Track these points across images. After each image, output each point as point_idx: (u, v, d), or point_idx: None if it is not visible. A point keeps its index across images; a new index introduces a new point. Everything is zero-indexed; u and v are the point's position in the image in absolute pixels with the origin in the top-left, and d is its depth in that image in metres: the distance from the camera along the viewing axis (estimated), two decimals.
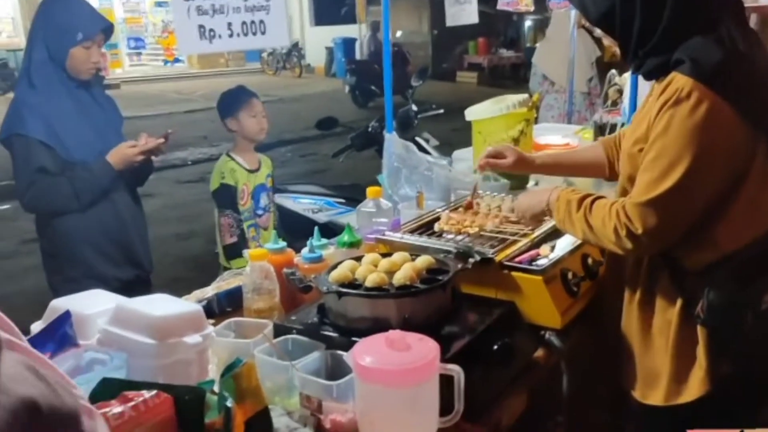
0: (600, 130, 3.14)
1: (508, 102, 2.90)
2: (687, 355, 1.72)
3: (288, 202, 4.81)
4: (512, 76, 17.66)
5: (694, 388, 1.72)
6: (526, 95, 3.05)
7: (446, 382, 1.50)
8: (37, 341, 1.19)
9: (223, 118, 3.57)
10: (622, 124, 3.17)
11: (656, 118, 1.64)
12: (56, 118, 2.76)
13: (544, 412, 1.89)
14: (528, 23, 17.99)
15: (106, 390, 1.07)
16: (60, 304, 1.48)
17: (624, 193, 1.79)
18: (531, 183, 3.00)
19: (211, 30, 2.59)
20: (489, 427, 1.64)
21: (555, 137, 3.27)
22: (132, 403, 1.01)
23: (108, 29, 2.92)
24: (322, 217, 4.70)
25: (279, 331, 1.74)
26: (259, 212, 3.55)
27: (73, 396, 0.65)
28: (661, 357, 1.77)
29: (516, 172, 2.44)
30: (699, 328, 1.69)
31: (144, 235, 3.16)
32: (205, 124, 11.66)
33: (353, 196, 4.98)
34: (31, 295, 4.04)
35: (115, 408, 1.00)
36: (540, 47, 7.00)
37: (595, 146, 2.30)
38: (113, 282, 2.78)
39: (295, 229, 4.11)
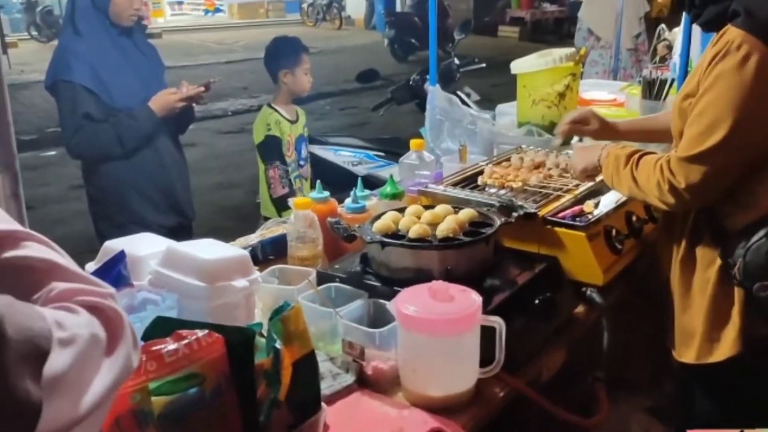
0: (649, 86, 3.06)
1: (555, 55, 2.84)
2: (722, 314, 1.71)
3: (328, 154, 4.82)
4: (555, 32, 17.20)
5: (726, 348, 1.71)
6: (572, 49, 2.98)
7: (487, 333, 1.51)
8: None
9: (275, 70, 3.53)
10: (672, 80, 3.09)
11: (706, 71, 1.60)
12: (101, 65, 2.79)
13: (583, 368, 1.89)
14: None
15: (160, 328, 1.10)
16: (113, 245, 1.52)
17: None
18: (575, 138, 2.95)
19: None
20: (528, 380, 1.65)
21: (601, 93, 3.21)
22: (185, 341, 1.04)
23: None
24: (361, 170, 4.69)
25: (322, 278, 1.76)
26: (302, 163, 3.56)
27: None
28: (698, 315, 1.76)
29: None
30: (736, 289, 1.68)
31: (186, 182, 3.21)
32: (246, 75, 11.67)
33: (393, 150, 4.96)
34: (79, 239, 4.13)
35: (170, 345, 1.03)
36: (586, 2, 6.82)
37: (671, 111, 2.26)
38: (157, 229, 2.82)
39: (334, 181, 4.13)
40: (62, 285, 0.77)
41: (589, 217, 1.98)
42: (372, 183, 3.43)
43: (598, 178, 2.05)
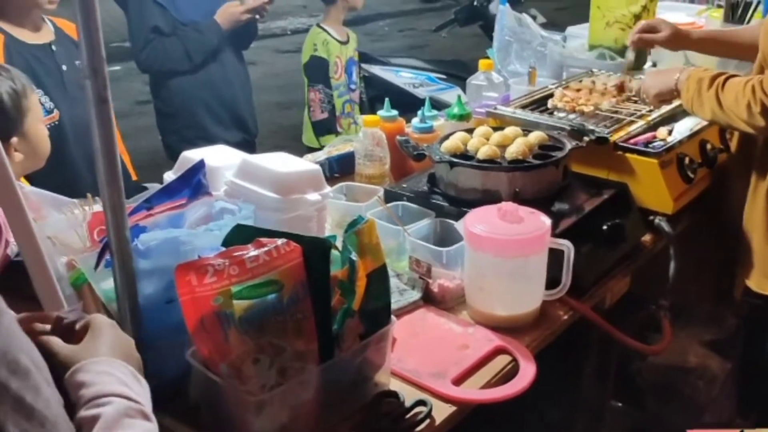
0: (732, 8, 2.91)
1: None
2: None
3: (389, 74, 4.77)
4: None
5: None
6: None
7: (554, 256, 1.51)
8: (175, 187, 1.26)
9: None
10: (758, 2, 2.93)
11: None
12: None
13: (648, 296, 1.88)
14: None
15: (240, 235, 1.13)
16: (191, 155, 1.55)
17: (761, 71, 1.69)
18: (648, 63, 2.85)
19: None
20: (592, 305, 1.66)
21: (679, 15, 3.06)
22: (265, 249, 1.07)
23: None
24: (422, 92, 4.64)
25: (390, 197, 1.78)
26: (353, 86, 3.51)
27: None
28: None
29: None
30: None
31: (249, 98, 3.23)
32: None
33: (455, 72, 4.89)
34: (145, 153, 4.22)
35: (251, 251, 1.06)
36: None
37: (755, 27, 2.15)
38: (222, 144, 2.88)
39: (394, 102, 4.09)
40: None
41: (662, 143, 1.93)
42: (433, 106, 3.39)
43: (674, 104, 1.99)
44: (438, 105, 3.26)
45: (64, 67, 2.26)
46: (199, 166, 1.27)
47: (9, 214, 1.06)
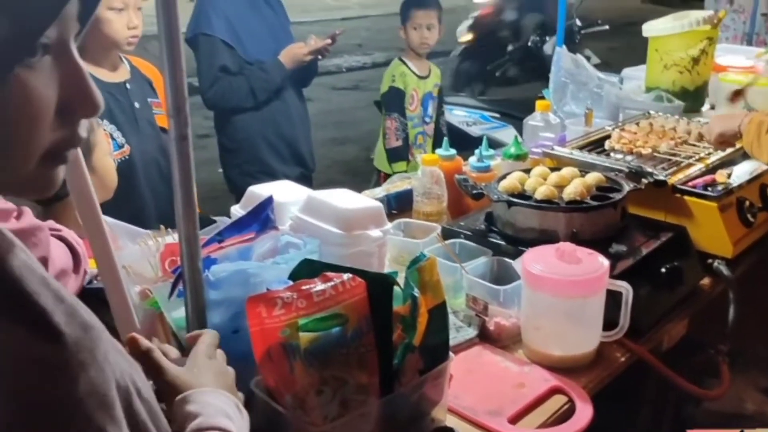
0: None
1: (691, 18, 2.72)
2: None
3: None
4: None
5: None
6: (710, 11, 2.86)
7: (612, 298, 1.52)
8: (245, 222, 1.32)
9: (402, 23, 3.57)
10: None
11: None
12: (236, 20, 2.92)
13: (705, 340, 1.86)
14: None
15: (307, 269, 1.18)
16: (257, 190, 1.61)
17: None
18: (706, 106, 2.85)
19: None
20: (649, 347, 1.65)
21: (737, 58, 3.05)
22: (332, 283, 1.11)
23: None
24: (475, 131, 4.69)
25: (447, 234, 1.81)
26: (427, 120, 3.58)
27: None
28: None
29: None
30: None
31: (308, 134, 3.33)
32: (360, 32, 11.72)
33: (508, 111, 4.92)
34: (203, 185, 4.32)
35: (318, 285, 1.10)
36: None
37: None
38: (282, 178, 2.96)
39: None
40: None
41: (722, 187, 1.92)
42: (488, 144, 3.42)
43: (735, 146, 1.99)
44: (492, 143, 3.30)
45: (137, 104, 2.37)
46: (268, 202, 1.32)
47: (94, 245, 1.13)
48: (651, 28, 2.80)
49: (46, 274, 0.62)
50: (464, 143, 4.16)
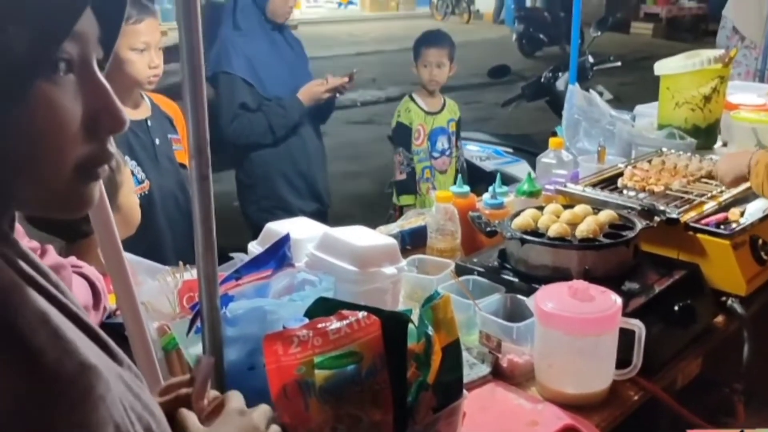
0: None
1: (703, 57, 2.76)
2: None
3: None
4: (692, 29, 16.21)
5: None
6: (722, 50, 2.89)
7: (625, 336, 1.53)
8: (262, 259, 1.34)
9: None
10: None
11: None
12: (256, 58, 2.99)
13: (720, 379, 1.86)
14: None
15: (323, 307, 1.20)
16: (275, 227, 1.64)
17: None
18: (719, 143, 2.87)
19: None
20: (663, 385, 1.65)
21: (749, 96, 3.07)
22: (347, 321, 1.13)
23: None
24: (489, 165, 4.71)
25: (460, 271, 1.82)
26: (435, 155, 3.60)
27: None
28: None
29: None
30: None
31: (325, 170, 3.38)
32: (374, 67, 11.85)
33: (521, 146, 4.94)
34: (218, 220, 4.37)
35: (334, 323, 1.12)
36: None
37: None
38: (298, 214, 2.99)
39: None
40: None
41: (735, 225, 1.93)
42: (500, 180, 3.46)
43: (745, 185, 2.00)
44: (505, 178, 3.33)
45: (157, 141, 2.42)
46: (285, 239, 1.35)
47: (116, 282, 1.15)
48: (663, 67, 2.83)
49: (50, 309, 0.63)
50: (477, 178, 4.19)
